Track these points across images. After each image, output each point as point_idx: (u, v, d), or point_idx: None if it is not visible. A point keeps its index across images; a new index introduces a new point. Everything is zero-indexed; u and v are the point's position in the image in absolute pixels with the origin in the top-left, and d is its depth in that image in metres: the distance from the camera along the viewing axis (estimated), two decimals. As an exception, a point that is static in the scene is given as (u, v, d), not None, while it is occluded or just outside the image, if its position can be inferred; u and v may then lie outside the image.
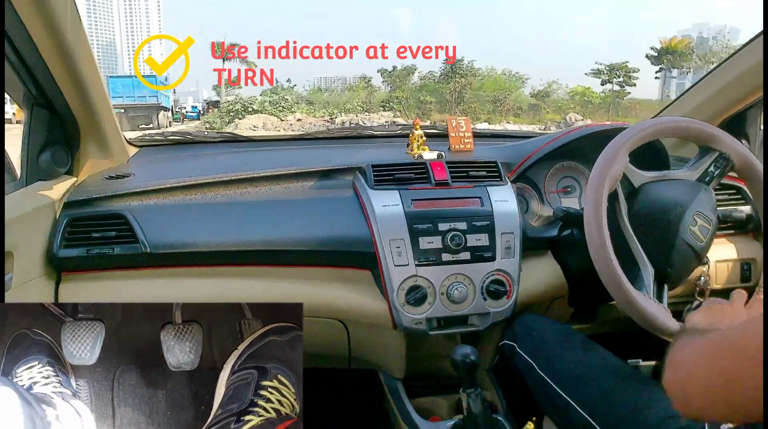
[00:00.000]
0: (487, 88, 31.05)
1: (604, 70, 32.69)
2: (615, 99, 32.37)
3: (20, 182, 1.44)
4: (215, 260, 1.46)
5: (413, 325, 1.43)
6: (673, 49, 31.73)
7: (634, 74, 32.88)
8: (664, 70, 33.13)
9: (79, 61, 1.38)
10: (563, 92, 32.83)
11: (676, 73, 34.95)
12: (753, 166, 1.30)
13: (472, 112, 29.28)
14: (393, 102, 29.16)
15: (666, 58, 31.99)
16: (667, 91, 35.90)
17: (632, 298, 1.15)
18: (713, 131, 1.31)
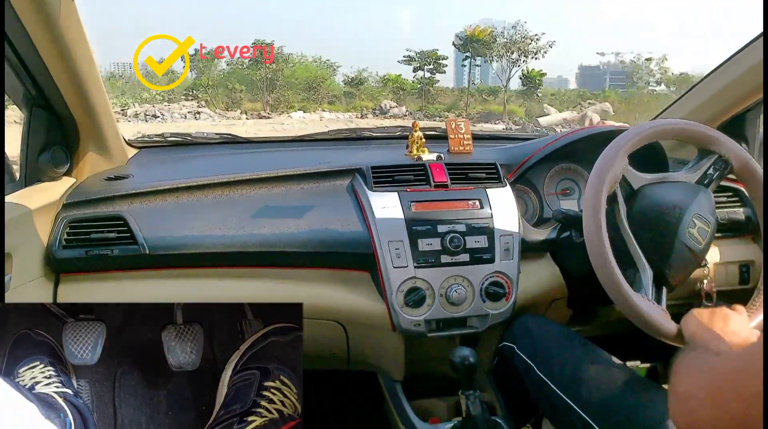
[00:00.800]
0: (300, 76, 30.29)
1: (415, 57, 32.53)
2: (425, 86, 32.41)
3: (19, 183, 1.44)
4: (214, 262, 1.46)
5: (412, 327, 1.43)
6: (477, 38, 31.70)
7: (443, 61, 32.93)
8: (470, 58, 32.96)
9: (78, 62, 1.38)
10: (374, 80, 32.57)
11: (480, 61, 34.61)
12: (752, 168, 1.31)
13: (285, 101, 28.74)
14: (198, 90, 27.82)
15: (472, 46, 31.96)
16: (472, 78, 36.13)
17: (631, 300, 1.15)
18: (712, 134, 1.32)
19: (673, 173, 1.33)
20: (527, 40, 30.95)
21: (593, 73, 76.93)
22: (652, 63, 31.11)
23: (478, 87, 36.38)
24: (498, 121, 28.12)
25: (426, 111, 29.95)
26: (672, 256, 1.23)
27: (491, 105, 31.60)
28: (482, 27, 32.19)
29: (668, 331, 1.14)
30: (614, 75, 67.46)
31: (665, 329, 1.15)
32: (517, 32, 31.16)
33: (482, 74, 48.85)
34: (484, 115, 29.07)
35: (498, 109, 30.33)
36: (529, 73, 31.67)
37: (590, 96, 33.47)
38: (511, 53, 31.18)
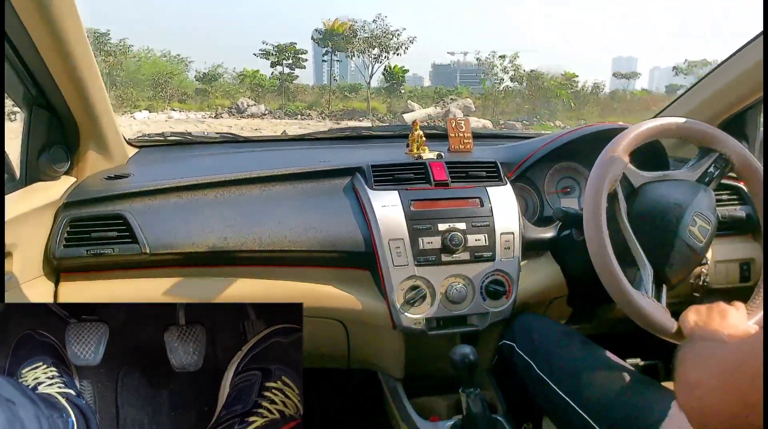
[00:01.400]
0: (146, 72, 28.94)
1: (272, 51, 31.59)
2: (284, 82, 31.64)
3: (20, 182, 1.44)
4: (214, 261, 1.46)
5: (412, 325, 1.44)
6: (337, 32, 31.28)
7: (302, 56, 32.14)
8: (330, 53, 32.59)
9: (78, 62, 1.38)
10: (230, 76, 31.91)
11: (341, 57, 34.49)
12: (753, 167, 1.31)
13: (129, 98, 27.07)
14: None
15: (332, 40, 31.53)
16: (334, 75, 35.42)
17: (631, 298, 1.15)
18: (713, 132, 1.32)
19: (674, 171, 1.33)
20: (389, 36, 30.51)
21: (445, 71, 79.38)
22: (506, 60, 30.96)
23: (339, 84, 35.66)
24: (362, 118, 27.37)
25: (286, 109, 29.17)
26: (672, 254, 1.23)
27: (354, 102, 31.03)
28: (342, 21, 31.60)
29: (668, 329, 1.15)
30: (464, 73, 71.17)
31: (665, 327, 1.15)
32: (378, 27, 30.74)
33: (342, 71, 48.59)
34: (347, 113, 28.53)
35: (361, 106, 29.77)
36: (391, 69, 31.15)
37: (446, 92, 33.30)
38: (372, 49, 30.68)
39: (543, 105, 30.32)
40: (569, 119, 24.53)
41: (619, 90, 30.92)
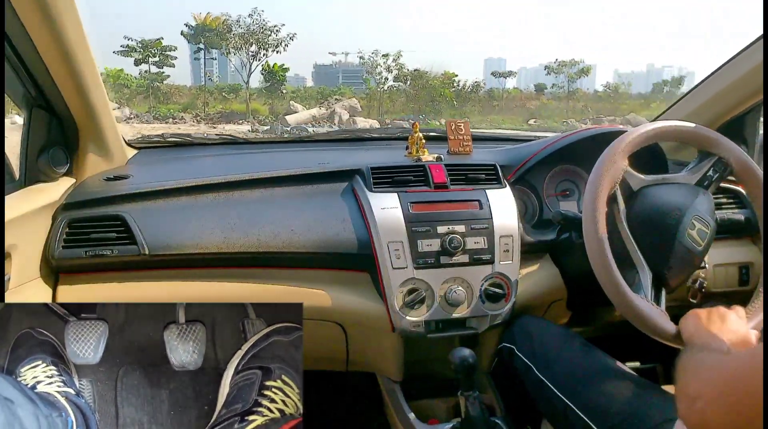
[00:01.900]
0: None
1: (136, 47, 29.17)
2: (153, 82, 29.55)
3: (19, 183, 1.44)
4: (213, 262, 1.45)
5: (411, 328, 1.43)
6: (210, 27, 29.10)
7: (171, 53, 29.93)
8: (203, 50, 30.25)
9: (78, 63, 1.38)
10: None
11: (217, 54, 32.39)
12: (752, 170, 1.31)
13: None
14: None
15: (204, 36, 29.15)
16: (208, 73, 33.32)
17: (631, 301, 1.15)
18: (712, 135, 1.32)
19: (673, 175, 1.34)
20: (266, 32, 28.87)
21: (328, 71, 79.35)
22: (389, 59, 30.13)
23: (218, 85, 34.01)
24: (241, 121, 26.02)
25: (156, 112, 27.55)
26: (671, 257, 1.23)
27: (233, 104, 29.32)
28: (214, 15, 29.77)
29: (667, 333, 1.15)
30: (347, 73, 71.15)
31: (664, 330, 1.15)
32: (255, 22, 28.94)
33: (222, 70, 47.22)
34: (225, 115, 26.99)
35: (240, 107, 28.19)
36: (270, 67, 29.44)
37: (330, 92, 32.37)
38: (249, 45, 29.01)
39: (428, 104, 30.02)
40: (453, 118, 24.77)
41: (495, 88, 31.00)
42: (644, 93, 33.27)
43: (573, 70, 27.00)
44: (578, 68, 26.81)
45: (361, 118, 25.83)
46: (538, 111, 24.93)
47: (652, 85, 31.35)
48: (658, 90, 29.25)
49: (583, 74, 27.06)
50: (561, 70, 27.37)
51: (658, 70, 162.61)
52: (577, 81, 27.49)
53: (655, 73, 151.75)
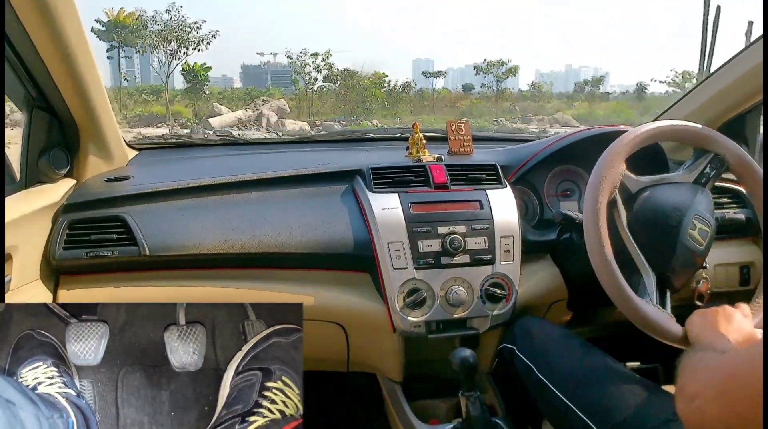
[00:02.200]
0: None
1: None
2: None
3: (20, 185, 1.44)
4: (214, 263, 1.45)
5: (412, 328, 1.43)
6: (123, 24, 27.18)
7: None
8: (117, 48, 28.05)
9: (79, 64, 1.38)
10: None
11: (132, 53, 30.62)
12: (748, 165, 1.31)
13: None
14: None
15: (117, 33, 27.19)
16: (124, 73, 31.19)
17: (633, 302, 1.15)
18: (708, 133, 1.32)
19: (671, 174, 1.34)
20: (186, 28, 27.02)
21: (255, 71, 78.59)
22: (318, 59, 29.14)
23: (138, 86, 32.63)
24: (161, 124, 24.44)
25: None
26: (674, 258, 1.23)
27: (154, 106, 27.50)
28: (128, 11, 27.85)
29: (672, 334, 1.14)
30: (275, 74, 70.71)
31: (670, 332, 1.15)
32: (173, 18, 27.02)
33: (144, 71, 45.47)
34: (144, 119, 25.35)
35: (161, 110, 26.48)
36: (191, 67, 27.74)
37: (258, 94, 31.35)
38: (168, 43, 27.04)
39: (359, 104, 29.02)
40: (385, 118, 23.99)
41: (425, 89, 30.69)
42: (566, 92, 33.21)
43: (501, 70, 26.73)
44: (506, 68, 26.59)
45: (290, 120, 24.72)
46: (468, 110, 24.58)
47: (574, 85, 31.36)
48: (579, 89, 29.32)
49: (511, 74, 26.90)
50: (489, 70, 27.09)
51: (575, 71, 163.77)
52: (505, 81, 27.33)
53: (573, 74, 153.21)
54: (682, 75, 27.62)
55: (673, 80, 27.82)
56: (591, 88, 28.54)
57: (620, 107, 24.26)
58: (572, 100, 27.33)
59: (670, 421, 1.05)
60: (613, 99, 29.46)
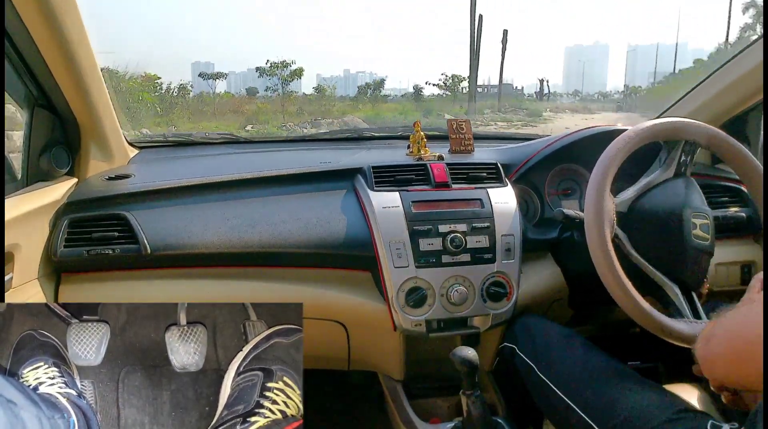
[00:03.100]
0: None
1: None
2: None
3: (21, 183, 1.44)
4: (215, 262, 1.46)
5: (413, 327, 1.43)
6: None
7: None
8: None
9: (80, 62, 1.38)
10: None
11: None
12: (721, 138, 1.31)
13: None
14: None
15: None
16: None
17: (637, 302, 1.15)
18: (674, 124, 1.31)
19: (651, 177, 1.33)
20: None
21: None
22: None
23: None
24: None
25: None
26: (688, 263, 1.24)
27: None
28: None
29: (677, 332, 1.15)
30: None
31: (676, 330, 1.15)
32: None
33: None
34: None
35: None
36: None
37: None
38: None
39: (123, 110, 27.71)
40: (158, 125, 22.98)
41: (206, 93, 28.84)
42: (348, 95, 32.79)
43: (285, 72, 25.91)
44: (290, 70, 25.89)
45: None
46: (254, 116, 23.40)
47: (357, 88, 31.09)
48: (362, 92, 28.97)
49: (296, 76, 26.19)
50: (273, 71, 26.30)
51: (353, 75, 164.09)
52: (290, 83, 26.73)
53: (351, 78, 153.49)
54: (452, 78, 28.49)
55: (444, 83, 28.64)
56: (373, 91, 28.48)
57: (404, 108, 24.14)
58: (357, 102, 26.81)
59: (672, 420, 1.05)
60: (393, 101, 29.70)
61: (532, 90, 47.24)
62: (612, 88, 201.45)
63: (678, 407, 1.08)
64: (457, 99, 28.20)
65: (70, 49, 1.33)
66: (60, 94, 1.44)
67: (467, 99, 26.93)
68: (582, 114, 29.55)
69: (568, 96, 55.91)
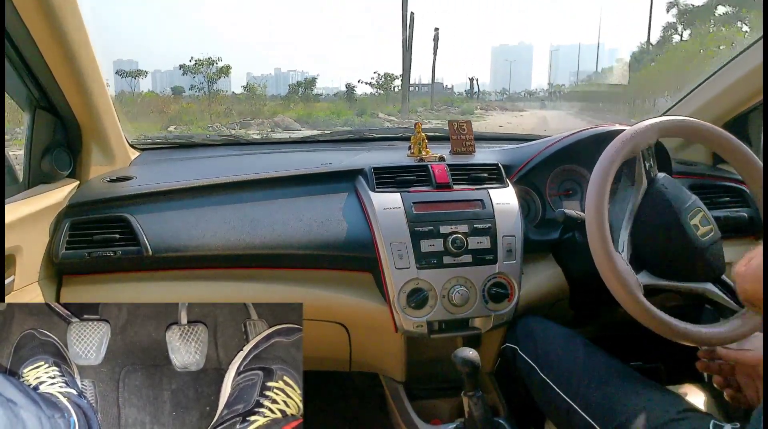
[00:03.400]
0: None
1: None
2: None
3: (22, 185, 1.45)
4: (217, 263, 1.46)
5: (414, 328, 1.43)
6: None
7: None
8: None
9: (81, 64, 1.39)
10: None
11: None
12: (717, 134, 1.31)
13: None
14: None
15: None
16: None
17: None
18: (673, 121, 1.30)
19: (632, 203, 1.31)
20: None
21: None
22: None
23: None
24: None
25: None
26: (707, 264, 1.24)
27: None
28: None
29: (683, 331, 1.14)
30: None
31: (687, 332, 1.15)
32: None
33: None
34: None
35: None
36: None
37: None
38: None
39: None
40: None
41: (127, 92, 27.71)
42: (280, 95, 32.22)
43: (212, 70, 25.23)
44: (217, 67, 25.19)
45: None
46: (179, 116, 22.35)
47: (288, 87, 30.36)
48: (293, 91, 28.49)
49: (223, 74, 25.51)
50: (198, 69, 25.60)
51: (285, 74, 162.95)
52: (217, 82, 26.08)
53: (282, 77, 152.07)
54: (385, 77, 28.42)
55: (377, 82, 28.55)
56: (305, 90, 28.12)
57: (337, 108, 23.38)
58: (288, 101, 26.30)
59: (674, 420, 1.05)
60: (325, 100, 29.20)
61: (462, 89, 47.53)
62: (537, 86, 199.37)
63: (680, 407, 1.08)
64: (389, 98, 27.82)
65: (71, 51, 1.34)
66: (61, 96, 1.44)
67: (400, 98, 26.53)
68: (511, 112, 29.64)
69: (496, 94, 56.75)
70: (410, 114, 22.98)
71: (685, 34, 31.58)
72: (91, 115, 1.52)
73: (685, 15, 31.15)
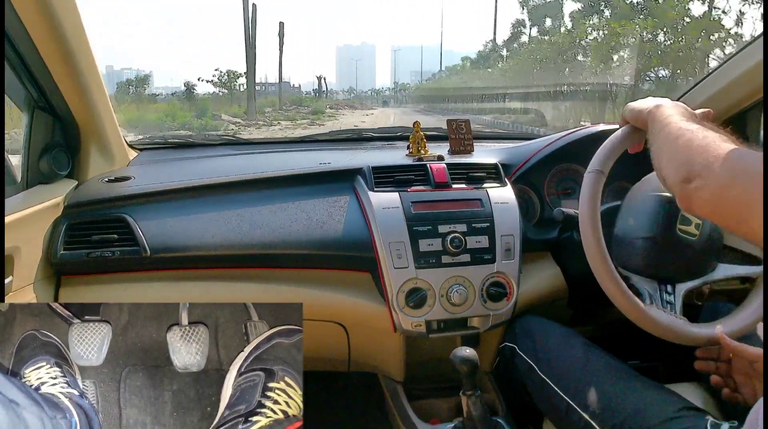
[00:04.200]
0: None
1: None
2: None
3: (20, 185, 1.44)
4: (215, 263, 1.46)
5: (413, 328, 1.43)
6: None
7: None
8: None
9: (80, 64, 1.39)
10: None
11: None
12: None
13: None
14: None
15: None
16: None
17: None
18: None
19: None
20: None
21: None
22: None
23: None
24: None
25: None
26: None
27: None
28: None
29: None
30: None
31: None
32: None
33: None
34: None
35: None
36: None
37: None
38: None
39: None
40: None
41: None
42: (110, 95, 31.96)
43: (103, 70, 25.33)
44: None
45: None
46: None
47: (117, 85, 28.89)
48: (123, 90, 26.99)
49: None
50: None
51: (118, 72, 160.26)
52: None
53: (115, 75, 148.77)
54: (228, 74, 27.43)
55: (220, 80, 27.51)
56: (136, 89, 26.83)
57: (172, 109, 21.39)
58: (119, 103, 24.28)
59: (672, 418, 1.05)
60: (163, 100, 27.60)
61: (309, 88, 47.15)
62: (381, 85, 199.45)
63: (678, 406, 1.08)
64: (235, 98, 26.81)
65: (69, 51, 1.34)
66: (60, 96, 1.44)
67: (246, 97, 25.36)
68: (362, 110, 29.28)
69: (344, 93, 57.27)
70: (257, 115, 22.02)
71: (534, 30, 31.80)
72: (89, 115, 1.52)
73: (534, 12, 31.33)
